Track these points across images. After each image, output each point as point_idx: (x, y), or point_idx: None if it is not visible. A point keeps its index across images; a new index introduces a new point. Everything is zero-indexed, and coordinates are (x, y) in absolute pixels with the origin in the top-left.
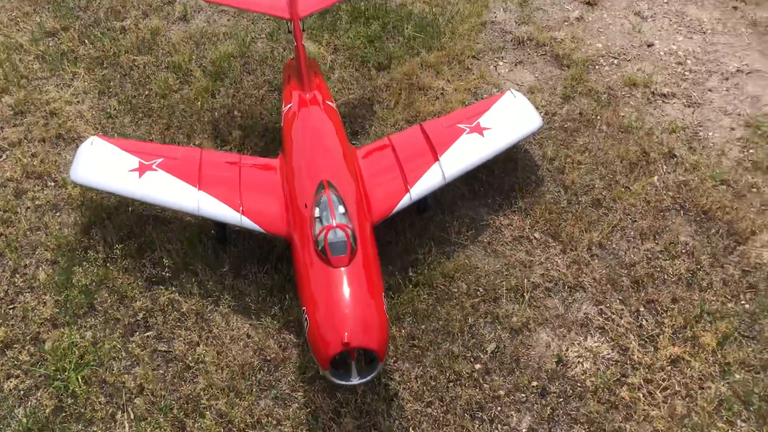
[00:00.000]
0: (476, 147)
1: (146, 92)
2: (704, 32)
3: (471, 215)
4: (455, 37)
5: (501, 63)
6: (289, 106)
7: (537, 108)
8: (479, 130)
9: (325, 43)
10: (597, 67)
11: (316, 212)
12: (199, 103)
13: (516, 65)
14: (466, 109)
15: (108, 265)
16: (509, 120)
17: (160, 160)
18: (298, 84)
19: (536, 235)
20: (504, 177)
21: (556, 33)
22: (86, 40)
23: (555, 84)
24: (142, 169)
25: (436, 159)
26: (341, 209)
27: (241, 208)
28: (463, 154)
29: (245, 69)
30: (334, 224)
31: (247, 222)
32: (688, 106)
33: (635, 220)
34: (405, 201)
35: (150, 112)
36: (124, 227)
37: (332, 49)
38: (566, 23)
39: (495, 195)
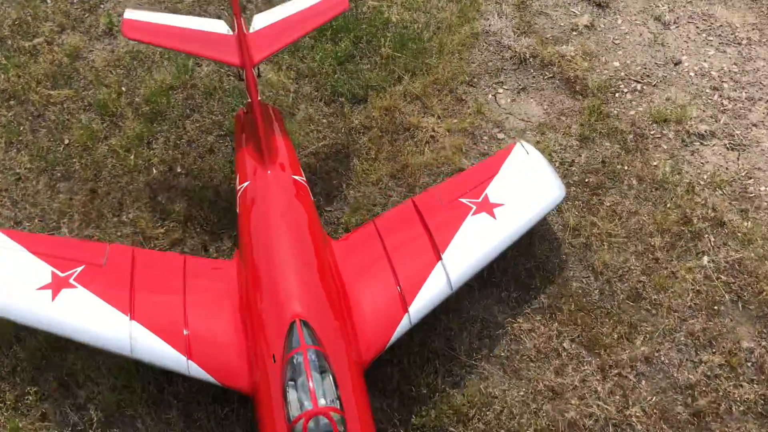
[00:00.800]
0: (488, 235)
1: (66, 142)
2: (739, 43)
3: (482, 318)
4: (443, 56)
5: (501, 90)
6: (245, 185)
7: (551, 158)
8: (489, 208)
9: (286, 68)
10: (617, 94)
11: (289, 373)
12: (132, 157)
13: (519, 93)
14: (468, 173)
15: (19, 417)
16: (524, 189)
17: (79, 269)
18: (255, 153)
19: (566, 344)
20: (518, 259)
21: (564, 47)
22: None
23: (569, 120)
24: (56, 285)
25: (439, 257)
26: (323, 365)
27: (187, 347)
28: (473, 248)
29: (188, 105)
30: (316, 406)
31: (196, 370)
32: (732, 149)
33: (685, 319)
34: (403, 326)
35: (70, 173)
36: (38, 354)
37: (294, 75)
38: (575, 32)
39: (510, 286)
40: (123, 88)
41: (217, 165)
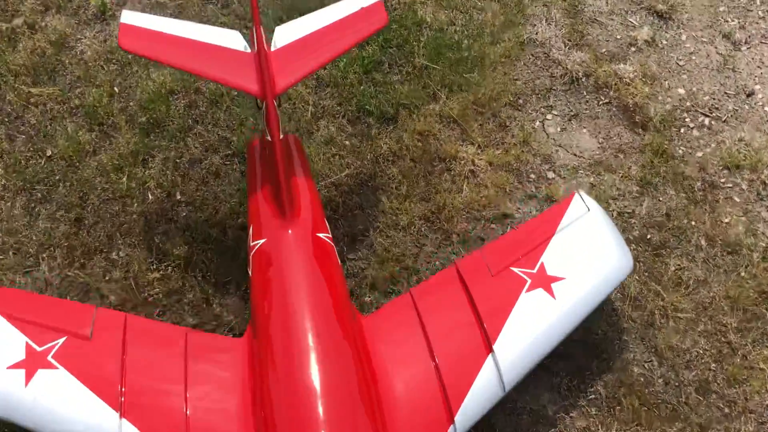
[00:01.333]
0: (546, 319)
1: (48, 153)
2: None
3: (530, 409)
4: (485, 69)
5: (549, 116)
6: (260, 243)
7: (608, 207)
8: (546, 282)
9: None
10: (682, 130)
11: None
12: (124, 179)
13: (570, 120)
14: (520, 232)
15: None
16: (586, 258)
17: (60, 341)
18: (273, 204)
19: None
20: (572, 335)
21: (622, 66)
22: None
23: (628, 159)
24: (31, 364)
25: (489, 349)
26: None
27: None
28: (529, 337)
29: (190, 114)
30: None
31: None
32: None
33: (763, 423)
34: None
35: (52, 193)
36: None
37: (314, 84)
38: (633, 48)
39: (561, 370)
40: (116, 89)
41: (224, 193)
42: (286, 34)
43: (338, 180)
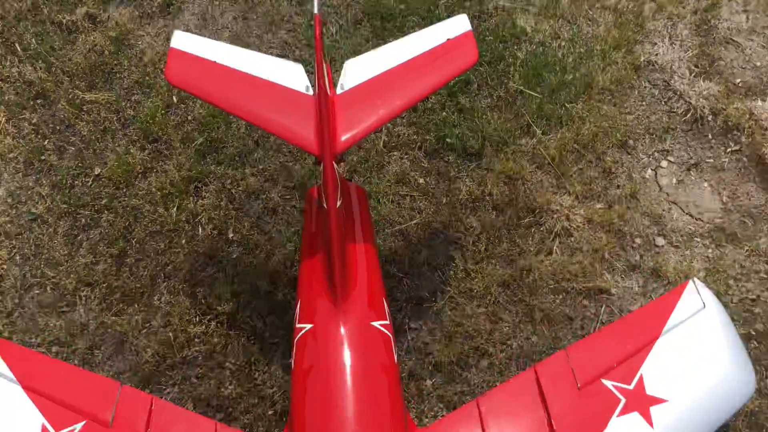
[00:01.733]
0: None
1: (96, 172)
2: None
3: None
4: (591, 99)
5: (664, 163)
6: (306, 328)
7: (727, 291)
8: (643, 404)
9: None
10: None
11: None
12: (174, 209)
13: (689, 171)
14: (616, 330)
15: None
16: (696, 374)
17: (78, 426)
18: (325, 282)
19: None
20: None
21: (759, 103)
22: (17, 46)
23: (756, 227)
24: None
25: None
26: None
27: None
28: None
29: (251, 135)
30: None
31: None
32: None
33: None
34: None
35: (97, 220)
36: None
37: None
38: None
39: None
40: (174, 98)
41: (279, 234)
42: (356, 71)
43: (407, 228)
